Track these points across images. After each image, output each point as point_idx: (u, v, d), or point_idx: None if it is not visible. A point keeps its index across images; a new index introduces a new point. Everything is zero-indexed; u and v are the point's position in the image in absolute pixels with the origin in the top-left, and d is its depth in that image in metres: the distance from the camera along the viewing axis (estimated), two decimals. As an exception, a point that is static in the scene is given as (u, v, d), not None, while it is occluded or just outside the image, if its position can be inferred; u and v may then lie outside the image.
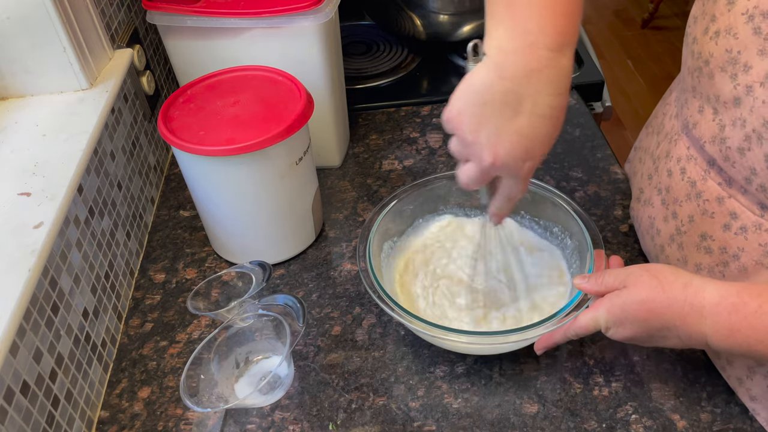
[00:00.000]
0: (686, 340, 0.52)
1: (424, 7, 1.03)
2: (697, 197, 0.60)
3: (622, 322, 0.54)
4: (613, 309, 0.54)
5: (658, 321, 0.52)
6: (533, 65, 0.46)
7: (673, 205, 0.64)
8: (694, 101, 0.59)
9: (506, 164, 0.50)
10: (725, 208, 0.57)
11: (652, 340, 0.54)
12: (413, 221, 0.75)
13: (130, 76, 0.85)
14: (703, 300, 0.50)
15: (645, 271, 0.54)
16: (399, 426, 0.62)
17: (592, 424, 0.61)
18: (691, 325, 0.50)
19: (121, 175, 0.79)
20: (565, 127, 0.97)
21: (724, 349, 0.50)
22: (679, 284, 0.51)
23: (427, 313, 0.67)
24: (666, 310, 0.51)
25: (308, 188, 0.77)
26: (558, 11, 0.46)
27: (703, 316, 0.49)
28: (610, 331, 0.56)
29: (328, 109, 0.85)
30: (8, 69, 0.72)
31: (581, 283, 0.59)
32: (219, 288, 0.68)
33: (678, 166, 0.63)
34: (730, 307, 0.48)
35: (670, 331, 0.52)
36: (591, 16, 3.19)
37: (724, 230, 0.57)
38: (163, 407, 0.66)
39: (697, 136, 0.59)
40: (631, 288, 0.54)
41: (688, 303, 0.50)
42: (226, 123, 0.69)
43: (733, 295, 0.49)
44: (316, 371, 0.67)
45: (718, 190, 0.57)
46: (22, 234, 0.57)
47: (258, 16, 0.76)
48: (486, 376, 0.66)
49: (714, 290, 0.50)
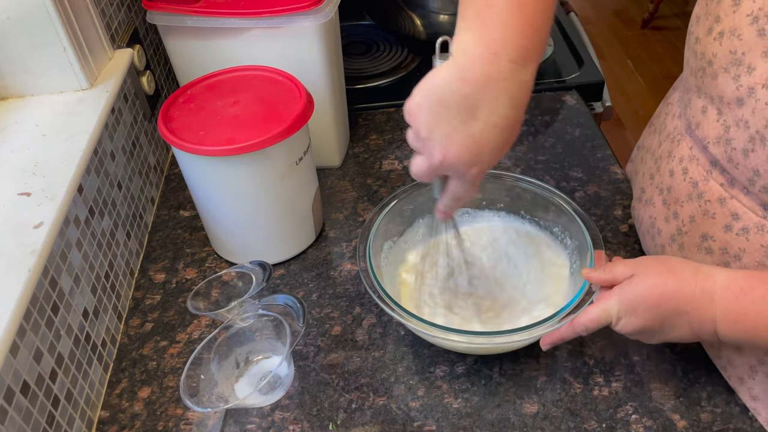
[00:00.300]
0: (696, 329, 0.52)
1: (424, 7, 1.03)
2: (699, 198, 0.60)
3: (634, 309, 0.54)
4: (624, 296, 0.55)
5: (670, 306, 0.52)
6: (494, 74, 0.47)
7: (674, 206, 0.64)
8: (698, 101, 0.59)
9: (454, 166, 0.51)
10: (727, 209, 0.57)
11: (663, 329, 0.54)
12: (413, 221, 0.75)
13: (130, 76, 0.85)
14: (713, 284, 0.50)
15: (654, 260, 0.55)
16: (399, 426, 0.62)
17: (592, 424, 0.61)
18: (701, 310, 0.51)
19: (121, 175, 0.79)
20: (565, 127, 0.97)
21: (732, 337, 0.50)
22: (689, 270, 0.52)
23: (429, 314, 0.67)
24: (678, 294, 0.52)
25: (308, 188, 0.77)
26: (525, 23, 0.46)
27: (714, 300, 0.50)
28: (622, 322, 0.55)
29: (328, 109, 0.85)
30: (8, 69, 0.72)
31: (590, 274, 0.59)
32: (219, 288, 0.68)
33: (680, 166, 0.63)
34: (739, 291, 0.49)
35: (681, 318, 0.52)
36: (591, 16, 3.19)
37: (725, 231, 0.57)
38: (163, 407, 0.66)
39: (700, 136, 0.59)
40: (642, 275, 0.54)
41: (699, 287, 0.51)
42: (226, 123, 0.69)
43: (741, 280, 0.50)
44: (316, 371, 0.67)
45: (720, 191, 0.57)
46: (22, 234, 0.57)
47: (258, 16, 0.76)
48: (486, 376, 0.66)
49: (724, 276, 0.51)
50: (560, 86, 1.05)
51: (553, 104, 1.02)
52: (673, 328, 0.53)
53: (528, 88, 0.49)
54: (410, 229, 0.75)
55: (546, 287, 0.69)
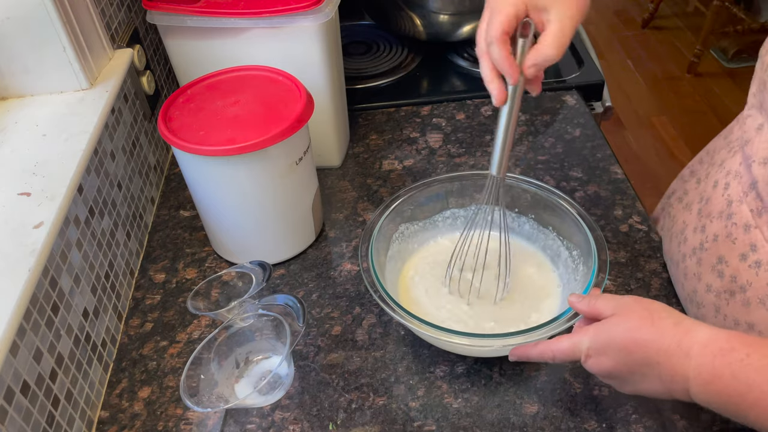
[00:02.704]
0: (667, 383, 0.49)
1: (424, 7, 1.03)
2: (728, 218, 0.58)
3: (605, 350, 0.52)
4: (598, 334, 0.52)
5: (642, 355, 0.49)
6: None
7: (705, 219, 0.62)
8: (757, 117, 0.57)
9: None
10: (748, 238, 0.56)
11: (633, 378, 0.51)
12: (414, 221, 0.75)
13: (130, 76, 0.85)
14: (692, 339, 0.47)
15: (638, 304, 0.52)
16: (399, 426, 0.62)
17: (592, 424, 0.61)
18: (674, 365, 0.48)
19: (121, 175, 0.79)
20: (565, 127, 0.97)
21: (704, 398, 0.47)
22: (671, 321, 0.49)
23: (429, 314, 0.67)
24: (652, 345, 0.49)
25: (308, 188, 0.77)
26: None
27: (690, 356, 0.47)
28: (591, 360, 0.53)
29: (328, 109, 0.85)
30: (8, 69, 0.72)
31: (574, 302, 0.57)
32: (219, 288, 0.68)
33: (725, 179, 0.61)
34: (717, 350, 0.46)
35: (652, 369, 0.49)
36: (591, 17, 3.19)
37: (740, 259, 0.56)
38: (163, 407, 0.66)
39: (748, 153, 0.58)
40: (622, 316, 0.52)
41: (676, 341, 0.48)
42: (226, 123, 0.69)
43: (722, 340, 0.46)
44: (316, 371, 0.67)
45: (748, 217, 0.56)
46: (22, 234, 0.57)
47: (258, 16, 0.76)
48: (486, 376, 0.66)
49: (705, 332, 0.48)
50: (560, 86, 1.05)
51: (553, 104, 1.02)
52: (643, 377, 0.50)
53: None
54: (413, 229, 0.75)
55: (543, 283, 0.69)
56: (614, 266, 0.75)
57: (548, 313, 0.67)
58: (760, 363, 0.44)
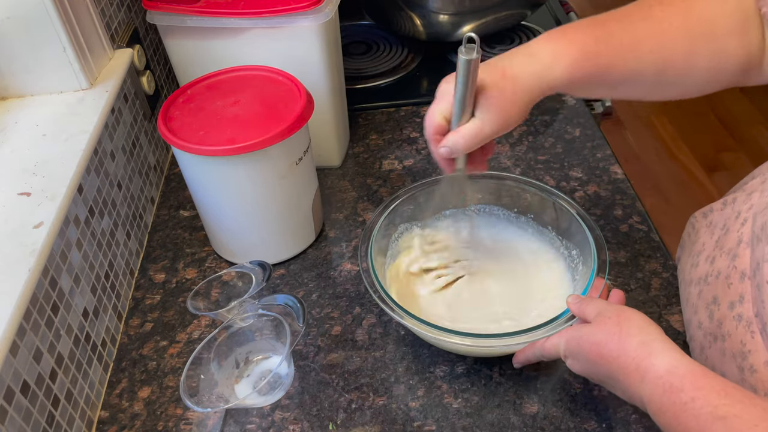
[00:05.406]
0: (629, 397, 0.50)
1: (424, 7, 1.03)
2: (732, 259, 0.57)
3: (576, 355, 0.54)
4: (571, 341, 0.54)
5: (605, 369, 0.51)
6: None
7: (717, 251, 0.60)
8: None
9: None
10: (740, 288, 0.54)
11: (604, 383, 0.53)
12: (414, 221, 0.75)
13: (130, 76, 0.85)
14: (650, 365, 0.47)
15: (615, 315, 0.52)
16: (399, 426, 0.62)
17: (592, 424, 0.61)
18: (631, 385, 0.49)
19: (121, 175, 0.79)
20: (565, 127, 0.97)
21: (658, 423, 0.47)
22: (637, 341, 0.49)
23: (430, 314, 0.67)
24: (614, 361, 0.50)
25: (308, 188, 0.77)
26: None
27: (644, 381, 0.47)
28: (568, 361, 0.55)
29: (328, 109, 0.85)
30: (8, 69, 0.72)
31: (570, 302, 0.58)
32: (219, 288, 0.68)
33: (750, 212, 0.58)
34: (668, 386, 0.45)
35: (615, 383, 0.51)
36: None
37: (728, 307, 0.55)
38: (163, 407, 0.66)
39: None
40: (595, 327, 0.53)
41: (635, 362, 0.48)
42: (226, 123, 0.69)
43: (677, 376, 0.46)
44: (316, 371, 0.67)
45: (746, 266, 0.54)
46: (22, 234, 0.57)
47: (258, 16, 0.76)
48: (486, 376, 0.66)
49: (665, 361, 0.47)
50: (560, 86, 1.05)
51: (553, 104, 1.02)
52: (612, 387, 0.52)
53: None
54: (412, 229, 0.75)
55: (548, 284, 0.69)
56: (614, 266, 0.75)
57: (548, 313, 0.67)
58: (700, 411, 0.43)
